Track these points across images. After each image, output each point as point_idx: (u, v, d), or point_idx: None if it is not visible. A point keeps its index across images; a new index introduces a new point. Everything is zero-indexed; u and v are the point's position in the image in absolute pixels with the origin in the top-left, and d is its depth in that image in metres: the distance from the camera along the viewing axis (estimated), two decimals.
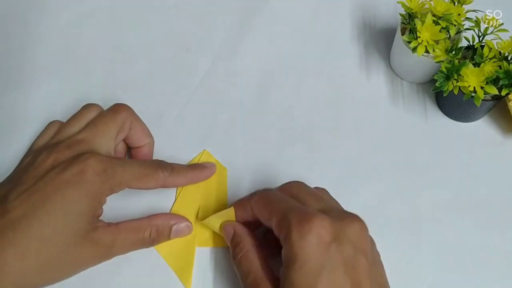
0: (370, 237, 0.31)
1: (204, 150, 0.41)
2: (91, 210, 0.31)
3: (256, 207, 0.33)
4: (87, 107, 0.37)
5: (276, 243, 0.31)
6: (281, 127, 0.43)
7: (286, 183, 0.34)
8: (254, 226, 0.35)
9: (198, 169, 0.38)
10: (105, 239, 0.32)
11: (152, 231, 0.34)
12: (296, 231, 0.28)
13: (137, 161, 0.35)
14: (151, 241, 0.34)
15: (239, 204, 0.35)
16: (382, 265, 0.31)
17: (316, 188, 0.35)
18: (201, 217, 0.37)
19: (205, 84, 0.45)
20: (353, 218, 0.30)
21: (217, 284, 0.36)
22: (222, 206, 0.38)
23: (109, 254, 0.33)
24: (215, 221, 0.35)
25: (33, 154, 0.34)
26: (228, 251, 0.35)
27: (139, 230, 0.34)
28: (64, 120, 0.37)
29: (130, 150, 0.39)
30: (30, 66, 0.46)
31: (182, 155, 0.41)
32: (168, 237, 0.35)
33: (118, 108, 0.36)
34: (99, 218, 0.33)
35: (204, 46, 0.48)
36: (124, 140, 0.38)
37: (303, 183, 0.34)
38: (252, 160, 0.41)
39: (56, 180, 0.30)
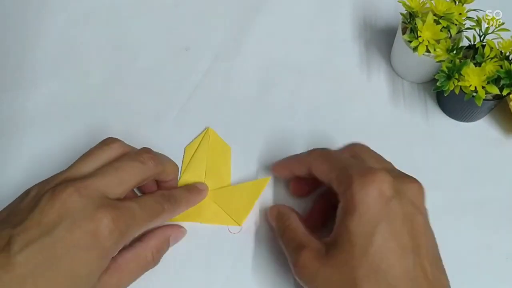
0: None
1: (208, 128, 0.42)
2: (101, 269, 0.29)
3: (315, 162, 0.33)
4: (107, 142, 0.33)
5: (320, 214, 0.33)
6: (281, 126, 0.43)
7: (349, 144, 0.35)
8: (305, 187, 0.36)
9: (195, 192, 0.37)
10: (111, 283, 0.30)
11: (153, 252, 0.33)
12: (357, 183, 0.28)
13: (143, 200, 0.32)
14: (154, 262, 0.33)
15: (296, 159, 0.35)
16: (432, 231, 0.31)
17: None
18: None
19: (205, 84, 0.45)
20: (413, 179, 0.30)
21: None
22: (226, 185, 0.39)
23: None
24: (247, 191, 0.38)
25: (38, 188, 0.30)
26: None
27: (139, 257, 0.32)
28: None
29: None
30: (30, 66, 0.46)
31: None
32: (167, 248, 0.35)
33: (145, 159, 0.32)
34: None
35: (204, 46, 0.48)
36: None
37: (366, 145, 0.35)
38: (251, 160, 0.41)
39: (66, 240, 0.27)
